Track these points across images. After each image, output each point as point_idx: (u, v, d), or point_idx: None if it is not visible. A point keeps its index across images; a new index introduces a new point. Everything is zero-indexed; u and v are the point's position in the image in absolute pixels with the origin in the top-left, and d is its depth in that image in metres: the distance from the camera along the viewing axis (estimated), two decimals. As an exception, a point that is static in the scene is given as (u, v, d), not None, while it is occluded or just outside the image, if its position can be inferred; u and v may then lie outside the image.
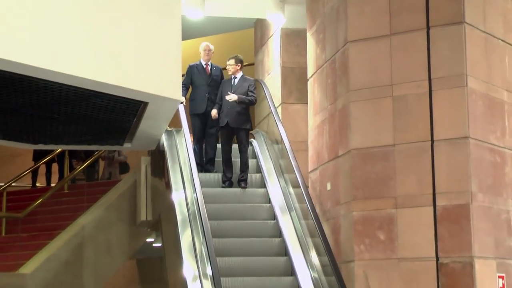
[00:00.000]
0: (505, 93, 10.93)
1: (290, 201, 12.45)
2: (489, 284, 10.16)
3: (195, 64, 13.35)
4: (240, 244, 11.78)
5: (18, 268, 14.40)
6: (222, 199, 12.48)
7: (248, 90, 12.68)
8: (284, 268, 11.56)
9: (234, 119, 12.55)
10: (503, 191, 10.65)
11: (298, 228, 11.85)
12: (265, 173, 13.11)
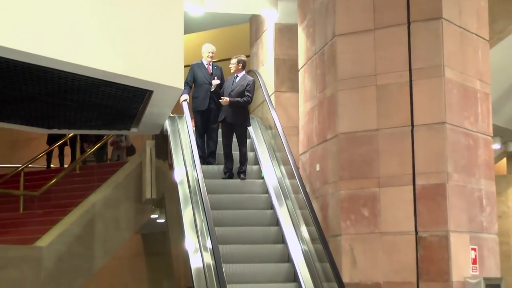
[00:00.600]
0: (478, 82, 10.97)
1: (282, 182, 12.47)
2: (463, 256, 10.22)
3: (197, 64, 13.24)
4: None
5: (34, 242, 14.45)
6: (224, 189, 12.39)
7: (245, 89, 12.55)
8: (275, 236, 11.64)
9: (231, 116, 12.47)
10: (476, 171, 10.70)
11: (290, 205, 11.87)
12: (259, 155, 13.11)
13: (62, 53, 9.19)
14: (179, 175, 12.10)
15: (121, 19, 10.10)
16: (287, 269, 10.96)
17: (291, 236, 11.38)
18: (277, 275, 10.88)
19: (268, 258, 11.20)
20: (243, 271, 10.72)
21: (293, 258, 11.01)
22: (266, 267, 10.97)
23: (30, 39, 8.83)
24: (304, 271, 10.73)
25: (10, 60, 8.99)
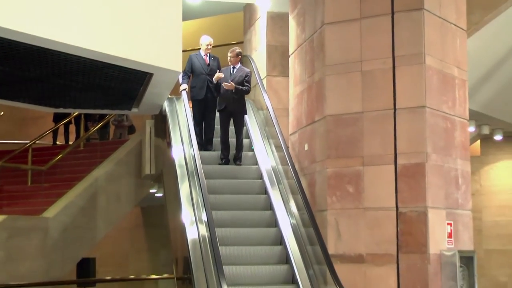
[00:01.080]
0: (456, 69, 10.98)
1: (273, 160, 12.47)
2: (439, 230, 10.27)
3: (195, 55, 13.11)
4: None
5: (41, 213, 14.46)
6: (220, 174, 12.31)
7: (244, 80, 12.51)
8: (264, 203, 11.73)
9: (231, 104, 12.43)
10: (453, 152, 10.72)
11: (279, 180, 11.88)
12: (252, 135, 13.09)
13: (68, 37, 9.27)
14: (177, 152, 12.09)
15: (124, 6, 10.19)
16: (274, 233, 11.03)
17: (279, 205, 11.43)
18: (265, 238, 10.95)
19: (258, 223, 11.27)
20: (235, 235, 10.78)
21: (280, 224, 11.10)
22: (255, 232, 11.03)
23: (38, 23, 8.91)
24: (290, 236, 10.79)
25: (20, 43, 9.04)
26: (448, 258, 10.19)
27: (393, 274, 10.15)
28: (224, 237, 10.25)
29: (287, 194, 11.54)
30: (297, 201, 11.14)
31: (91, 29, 9.64)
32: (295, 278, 10.10)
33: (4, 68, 10.37)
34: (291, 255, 10.43)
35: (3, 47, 9.26)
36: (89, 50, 9.61)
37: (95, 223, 15.44)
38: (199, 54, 13.02)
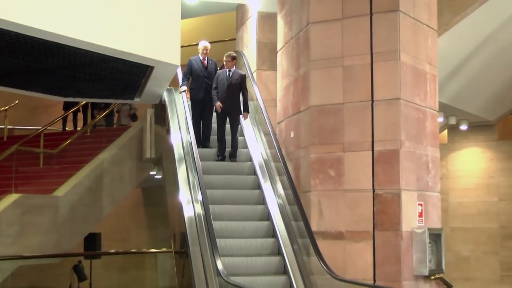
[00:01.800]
0: (427, 65, 10.99)
1: (262, 145, 12.43)
2: (411, 210, 10.31)
3: (194, 58, 12.88)
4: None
5: (52, 192, 14.43)
6: (217, 169, 12.04)
7: (240, 85, 12.30)
8: (253, 182, 11.69)
9: (228, 104, 12.19)
10: (424, 140, 10.74)
11: (268, 166, 11.85)
12: (243, 123, 13.03)
13: (77, 32, 9.35)
14: (175, 138, 12.03)
15: (129, 5, 10.19)
16: (262, 210, 11.00)
17: (267, 186, 11.38)
18: (253, 215, 10.92)
19: (247, 201, 11.25)
20: (227, 211, 10.78)
21: (267, 202, 11.05)
22: (245, 208, 11.02)
23: (51, 19, 8.98)
24: (277, 212, 10.77)
25: (33, 37, 9.07)
26: (419, 235, 10.22)
27: (370, 249, 10.17)
28: (217, 213, 10.23)
29: (274, 176, 11.50)
30: (284, 183, 11.10)
31: (99, 25, 9.69)
32: (281, 250, 10.08)
33: (19, 60, 10.38)
34: (277, 230, 10.40)
35: (18, 41, 9.27)
36: (96, 45, 9.65)
37: (100, 202, 15.43)
38: (197, 58, 12.81)
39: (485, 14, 12.63)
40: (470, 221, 17.11)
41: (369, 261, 10.15)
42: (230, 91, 12.16)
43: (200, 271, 9.23)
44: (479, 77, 15.12)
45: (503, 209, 16.81)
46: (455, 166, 17.40)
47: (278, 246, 10.29)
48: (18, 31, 8.79)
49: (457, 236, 16.90)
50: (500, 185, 16.92)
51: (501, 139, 17.60)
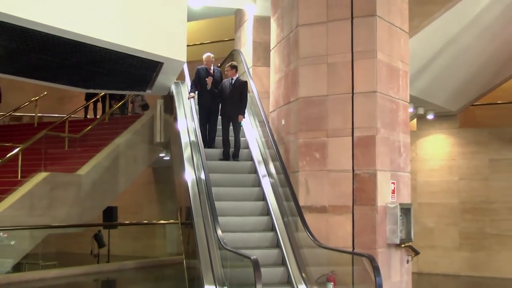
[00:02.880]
0: (400, 63, 10.95)
1: (257, 131, 12.34)
2: (385, 187, 10.31)
3: (201, 68, 12.32)
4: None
5: (76, 171, 14.44)
6: (222, 168, 11.53)
7: (241, 94, 11.80)
8: (251, 168, 11.56)
9: (231, 110, 11.75)
10: (396, 127, 10.70)
11: (262, 150, 11.78)
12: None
13: (98, 32, 9.46)
14: (181, 125, 11.96)
15: (142, 9, 10.20)
16: (257, 191, 10.91)
17: (261, 168, 11.30)
18: (250, 195, 10.83)
19: (244, 183, 11.12)
20: (228, 192, 10.67)
21: (263, 184, 10.96)
22: (242, 190, 10.91)
23: (75, 21, 9.07)
24: (270, 193, 10.67)
25: (60, 37, 9.15)
26: (391, 209, 10.22)
27: (349, 221, 10.15)
28: (217, 193, 10.13)
29: (267, 159, 11.43)
30: (276, 164, 11.04)
31: (116, 27, 9.74)
32: (274, 225, 10.03)
33: (47, 57, 10.39)
34: (271, 207, 10.35)
35: (47, 41, 9.27)
36: (114, 44, 9.68)
37: (117, 179, 15.41)
38: (204, 67, 12.30)
39: (449, 20, 12.63)
40: (434, 197, 17.11)
41: (348, 231, 10.14)
42: (232, 98, 11.77)
43: (203, 239, 9.21)
44: (444, 74, 15.10)
45: (463, 187, 16.81)
46: (423, 150, 17.38)
47: (267, 208, 10.36)
48: (47, 31, 8.82)
49: (424, 210, 16.91)
50: (461, 167, 16.92)
51: (461, 127, 17.59)
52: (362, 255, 8.19)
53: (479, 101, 18.34)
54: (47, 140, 15.24)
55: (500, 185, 16.41)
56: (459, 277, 16.07)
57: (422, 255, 13.09)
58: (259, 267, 6.99)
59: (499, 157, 16.57)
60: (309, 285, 8.84)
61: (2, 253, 13.10)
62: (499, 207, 16.37)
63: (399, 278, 10.58)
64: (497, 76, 17.45)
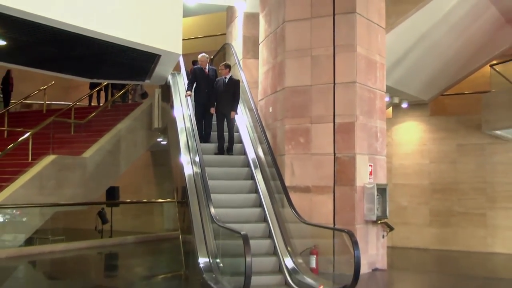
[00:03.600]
0: (377, 56, 10.94)
1: (246, 118, 12.28)
2: (364, 169, 10.33)
3: (197, 67, 12.01)
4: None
5: (81, 154, 14.37)
6: (217, 162, 11.14)
7: (234, 91, 11.46)
8: (240, 150, 11.47)
9: (224, 107, 11.45)
10: (374, 115, 10.71)
11: (251, 135, 11.73)
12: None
13: (102, 27, 9.44)
14: (177, 112, 11.89)
15: (141, 7, 10.18)
16: (247, 171, 10.89)
17: (250, 150, 11.24)
18: (240, 175, 10.79)
19: (235, 164, 11.09)
20: (218, 172, 10.61)
21: (251, 164, 10.92)
22: (233, 170, 10.87)
23: (80, 17, 9.04)
24: (258, 173, 10.62)
25: (66, 31, 9.13)
26: (369, 189, 10.24)
27: (331, 200, 10.18)
28: (210, 173, 10.07)
29: (256, 143, 11.38)
30: (264, 149, 10.99)
31: (118, 22, 9.70)
32: (262, 202, 10.01)
33: (54, 49, 10.40)
34: (259, 187, 10.32)
35: (54, 34, 9.22)
36: (115, 37, 9.68)
37: (118, 162, 15.35)
38: (199, 67, 11.94)
39: (421, 17, 12.61)
40: (408, 178, 17.16)
41: (330, 209, 10.16)
42: (225, 95, 11.45)
43: (197, 216, 9.20)
44: (417, 66, 15.09)
45: (433, 170, 16.86)
46: (398, 136, 17.40)
47: (255, 186, 10.33)
48: (54, 25, 8.77)
49: (398, 190, 16.96)
50: (431, 151, 16.96)
51: (432, 115, 17.62)
52: (342, 230, 8.21)
53: (448, 91, 18.38)
54: (55, 125, 15.15)
55: (466, 167, 16.47)
56: (429, 251, 16.16)
57: (396, 231, 13.13)
58: (248, 241, 6.98)
59: (466, 142, 16.62)
60: (294, 258, 8.84)
61: (15, 228, 13.12)
62: (465, 188, 16.43)
63: (375, 251, 10.62)
64: (464, 69, 17.50)
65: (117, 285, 9.60)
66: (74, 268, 11.63)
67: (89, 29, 9.08)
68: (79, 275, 10.81)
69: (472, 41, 15.91)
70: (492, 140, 16.15)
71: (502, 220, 15.91)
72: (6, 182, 12.87)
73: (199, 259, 8.44)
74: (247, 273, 6.73)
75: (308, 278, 8.33)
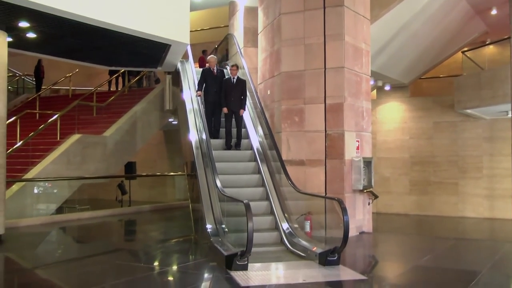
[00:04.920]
0: (363, 44, 10.82)
1: (247, 101, 12.13)
2: (351, 145, 10.28)
3: (206, 69, 11.27)
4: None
5: (102, 133, 14.35)
6: (225, 157, 10.53)
7: (242, 90, 10.78)
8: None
9: (233, 105, 10.75)
10: (360, 96, 10.62)
11: (252, 115, 11.63)
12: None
13: (120, 21, 9.36)
14: (186, 95, 11.77)
15: (155, 1, 10.02)
16: (247, 143, 10.83)
17: (251, 130, 11.12)
18: (243, 156, 10.65)
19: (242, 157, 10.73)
20: (223, 153, 10.57)
21: (251, 138, 10.83)
22: (238, 154, 10.70)
23: (101, 11, 8.99)
24: (258, 146, 10.50)
25: (88, 24, 9.15)
26: (356, 162, 10.18)
27: (322, 172, 10.13)
28: (213, 144, 9.97)
29: (256, 121, 11.27)
30: (263, 127, 10.89)
31: (133, 15, 9.60)
32: (260, 170, 9.94)
33: (78, 40, 10.34)
34: (257, 158, 10.24)
35: (77, 27, 9.17)
36: (131, 29, 9.60)
37: (134, 140, 15.30)
38: (208, 69, 11.24)
39: (402, 9, 12.46)
40: (390, 152, 17.08)
41: (322, 180, 10.11)
42: (234, 94, 10.77)
43: (205, 187, 9.14)
44: (398, 53, 14.95)
45: (412, 144, 16.78)
46: (381, 115, 17.28)
47: (258, 167, 10.14)
48: (77, 19, 8.73)
49: (382, 163, 16.90)
50: (411, 128, 16.86)
51: (412, 96, 17.49)
52: (332, 198, 8.14)
53: (425, 75, 18.27)
54: (79, 108, 15.12)
55: (441, 142, 16.38)
56: (409, 216, 16.13)
57: (380, 199, 13.14)
58: (250, 208, 6.92)
59: (441, 120, 16.51)
60: (291, 223, 8.80)
61: (48, 199, 13.15)
62: (440, 160, 16.36)
63: (362, 216, 10.60)
64: (439, 55, 17.41)
65: (135, 247, 9.59)
66: (98, 233, 11.63)
67: (107, 22, 9.02)
68: (103, 239, 10.81)
69: (447, 31, 15.79)
70: (464, 118, 16.06)
71: (471, 189, 15.89)
72: (38, 158, 12.95)
73: (206, 225, 8.40)
74: (249, 238, 6.68)
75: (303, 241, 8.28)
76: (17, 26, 9.24)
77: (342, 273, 6.87)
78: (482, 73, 14.54)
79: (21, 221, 11.53)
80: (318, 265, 7.20)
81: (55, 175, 12.71)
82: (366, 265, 8.14)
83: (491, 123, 15.71)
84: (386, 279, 6.97)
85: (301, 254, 7.83)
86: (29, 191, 12.55)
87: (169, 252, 8.69)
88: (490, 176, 15.66)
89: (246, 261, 6.88)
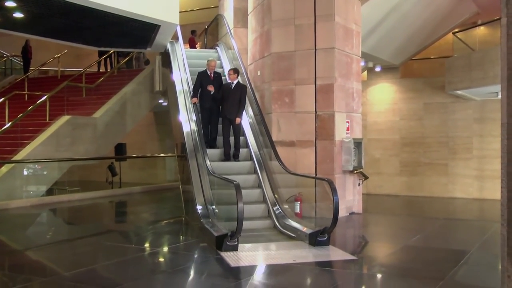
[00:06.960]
0: (354, 25, 10.79)
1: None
2: (341, 125, 10.28)
3: (203, 72, 10.48)
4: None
5: (92, 114, 14.26)
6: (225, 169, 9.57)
7: (240, 97, 9.92)
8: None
9: (229, 112, 9.90)
10: (351, 77, 10.61)
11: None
12: (224, 65, 12.67)
13: (108, 0, 9.24)
14: (176, 76, 11.72)
15: None
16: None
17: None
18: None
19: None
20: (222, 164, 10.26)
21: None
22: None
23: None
24: (249, 130, 10.50)
25: (75, 4, 8.91)
26: (346, 143, 10.20)
27: (313, 153, 10.14)
28: (210, 155, 9.40)
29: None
30: (253, 108, 10.87)
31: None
32: (252, 156, 9.95)
33: (65, 20, 10.30)
34: (249, 142, 10.24)
35: (64, 7, 9.09)
36: (119, 9, 9.51)
37: (125, 121, 15.22)
38: (205, 72, 10.50)
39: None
40: (381, 134, 17.12)
41: (312, 161, 10.13)
42: (232, 100, 9.96)
43: (195, 168, 9.14)
44: (389, 34, 14.89)
45: (403, 126, 16.82)
46: (372, 96, 17.28)
47: (250, 154, 10.12)
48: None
49: (372, 144, 16.94)
50: (401, 109, 16.88)
51: (402, 77, 17.49)
52: (322, 179, 8.17)
53: (416, 56, 18.24)
54: (68, 89, 15.02)
55: (431, 123, 16.43)
56: (399, 197, 16.23)
57: (370, 180, 13.21)
58: (240, 189, 6.93)
59: (431, 101, 16.53)
60: (281, 204, 8.83)
61: (37, 180, 13.12)
62: (430, 141, 16.43)
63: (352, 197, 10.66)
64: (430, 36, 17.36)
65: (126, 229, 9.60)
66: (88, 214, 11.63)
67: (96, 2, 8.92)
68: (93, 220, 10.81)
69: (438, 12, 15.74)
70: (454, 99, 16.10)
71: (461, 169, 15.98)
72: (28, 140, 12.88)
73: (197, 206, 8.42)
74: (239, 218, 6.70)
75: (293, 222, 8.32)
76: (4, 5, 9.11)
77: (332, 253, 6.92)
78: (472, 54, 14.55)
79: (11, 203, 11.50)
80: (308, 245, 7.25)
81: (44, 157, 12.65)
82: (356, 245, 8.20)
83: (482, 104, 15.77)
84: (376, 259, 7.03)
85: (291, 234, 7.87)
86: (19, 173, 12.50)
87: (160, 233, 8.71)
88: (480, 157, 15.76)
89: (237, 242, 6.91)
